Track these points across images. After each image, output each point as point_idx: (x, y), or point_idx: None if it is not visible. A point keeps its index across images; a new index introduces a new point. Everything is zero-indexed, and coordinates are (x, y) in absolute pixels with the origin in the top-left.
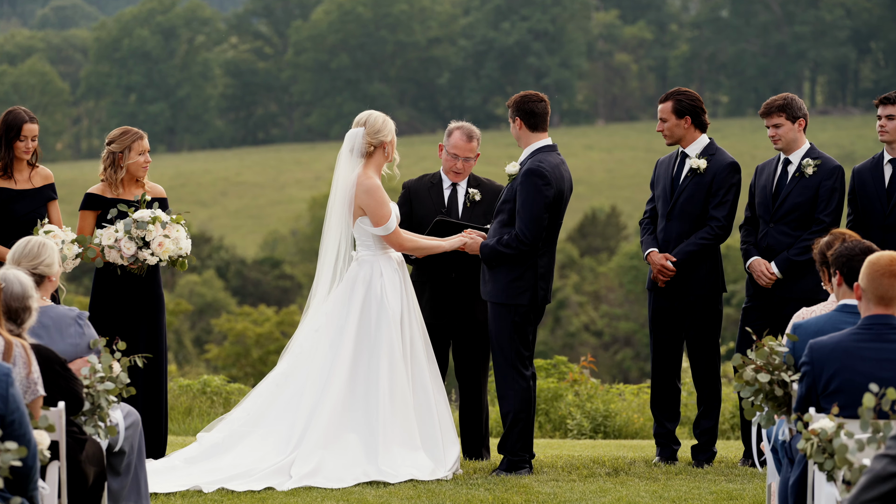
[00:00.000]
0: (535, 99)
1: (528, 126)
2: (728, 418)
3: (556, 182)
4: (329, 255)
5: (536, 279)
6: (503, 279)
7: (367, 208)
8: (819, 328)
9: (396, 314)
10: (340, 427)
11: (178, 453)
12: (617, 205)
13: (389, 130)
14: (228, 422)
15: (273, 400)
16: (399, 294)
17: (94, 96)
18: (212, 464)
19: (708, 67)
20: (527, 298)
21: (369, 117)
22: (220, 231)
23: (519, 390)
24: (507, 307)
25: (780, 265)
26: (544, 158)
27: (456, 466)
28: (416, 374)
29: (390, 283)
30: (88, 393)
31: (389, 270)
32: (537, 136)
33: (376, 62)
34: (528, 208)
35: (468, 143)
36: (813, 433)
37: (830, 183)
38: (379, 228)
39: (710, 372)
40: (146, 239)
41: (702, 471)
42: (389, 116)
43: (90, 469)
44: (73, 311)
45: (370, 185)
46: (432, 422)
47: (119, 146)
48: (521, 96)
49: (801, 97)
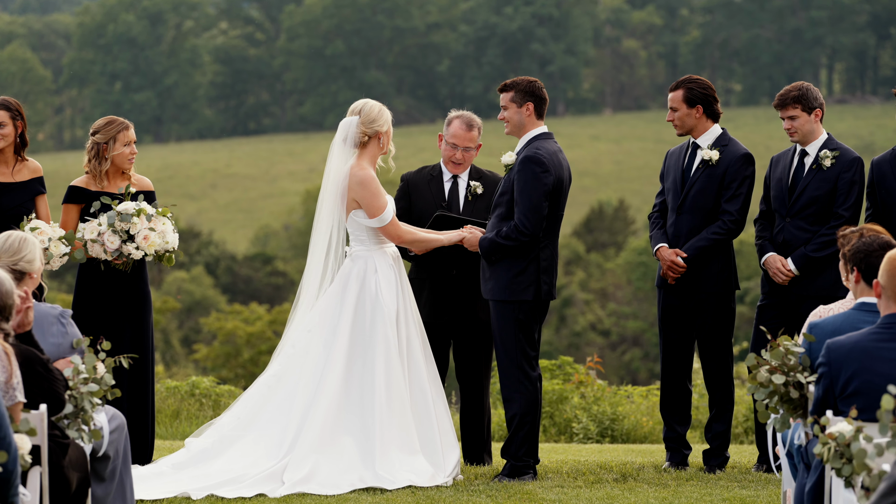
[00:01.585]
0: (540, 85)
1: (537, 113)
2: (741, 421)
3: (555, 170)
4: (319, 249)
5: (539, 273)
6: (504, 275)
7: (361, 200)
8: (836, 327)
9: (392, 312)
10: (335, 430)
11: (166, 459)
12: (625, 198)
13: (385, 120)
14: (218, 427)
15: (264, 403)
16: (395, 291)
17: (78, 84)
18: (201, 469)
19: (720, 54)
20: (530, 294)
21: (364, 106)
22: (210, 225)
23: (525, 392)
24: (510, 304)
25: (797, 261)
26: (541, 146)
27: (456, 472)
28: (414, 374)
29: (385, 279)
30: (71, 395)
31: (384, 266)
32: (538, 124)
33: (373, 48)
34: (527, 196)
35: (468, 133)
36: (830, 437)
37: (849, 175)
38: (374, 220)
39: (722, 373)
40: (130, 232)
41: (714, 477)
42: (386, 106)
43: (73, 475)
44: (56, 309)
45: (364, 176)
46: (430, 424)
47: (103, 136)
48: (529, 81)
49: (817, 85)
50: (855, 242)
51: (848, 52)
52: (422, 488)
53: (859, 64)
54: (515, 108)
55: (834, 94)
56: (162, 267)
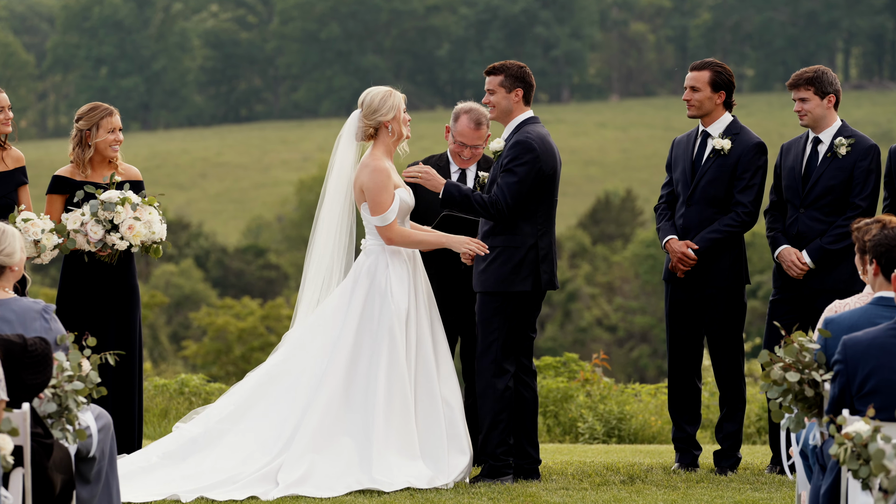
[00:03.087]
0: (529, 70)
1: (525, 99)
2: (754, 421)
3: (546, 155)
4: (320, 244)
5: (539, 262)
6: (502, 267)
7: (367, 192)
8: (853, 323)
9: (402, 310)
10: (334, 429)
11: (154, 446)
12: (632, 188)
13: (390, 107)
14: (206, 416)
15: (263, 394)
16: (406, 288)
17: (62, 69)
18: (191, 467)
19: (732, 38)
20: (528, 284)
21: (366, 96)
22: (199, 216)
23: (498, 389)
24: (501, 297)
25: (812, 254)
26: (531, 130)
27: (462, 477)
28: (423, 375)
29: (397, 276)
30: (56, 394)
31: (397, 262)
32: (525, 110)
33: (370, 32)
34: (511, 173)
35: (476, 131)
36: (846, 437)
37: (866, 164)
38: (377, 218)
39: (733, 370)
40: (114, 222)
41: (725, 478)
42: None
43: (57, 476)
44: (39, 303)
45: (374, 167)
46: (437, 428)
47: (86, 123)
48: (519, 66)
49: (833, 70)
50: (876, 234)
51: (865, 36)
52: (420, 491)
53: (877, 48)
54: (504, 92)
55: (850, 80)
56: (150, 260)
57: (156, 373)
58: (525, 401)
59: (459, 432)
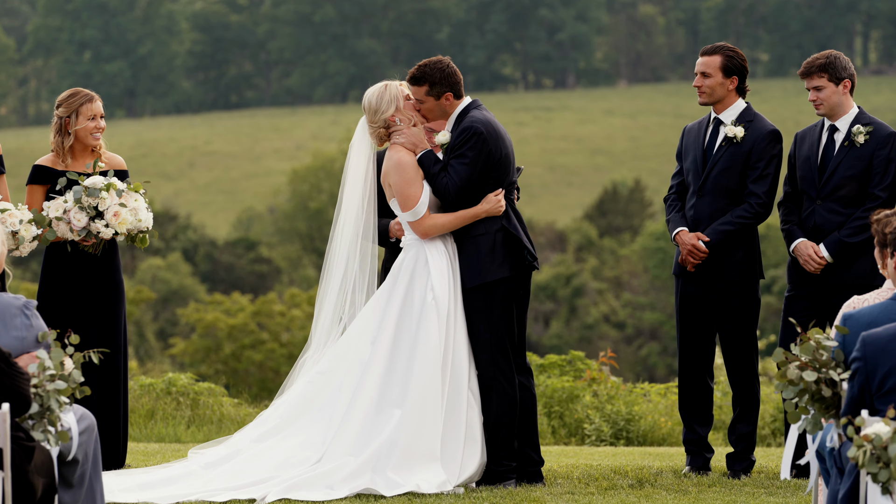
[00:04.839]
0: (446, 64)
1: (457, 95)
2: (768, 422)
3: (494, 139)
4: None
5: (509, 243)
6: (474, 257)
7: (394, 186)
8: (873, 319)
9: (443, 308)
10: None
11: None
12: (641, 178)
13: (389, 101)
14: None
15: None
16: (447, 285)
17: (43, 54)
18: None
19: (745, 20)
20: (507, 269)
21: (365, 101)
22: (188, 208)
23: (502, 391)
24: (484, 289)
25: (830, 248)
26: (475, 115)
27: (473, 478)
28: (455, 376)
29: (437, 271)
30: (37, 393)
31: (437, 256)
32: (461, 101)
33: (366, 15)
34: (461, 157)
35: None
36: (866, 439)
37: (885, 152)
38: (408, 214)
39: (746, 369)
40: (99, 208)
41: (738, 482)
42: (381, 78)
43: (39, 480)
44: (20, 299)
45: (399, 159)
46: (458, 431)
47: (66, 110)
48: (439, 68)
49: (851, 54)
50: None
51: (885, 19)
52: (419, 496)
53: None
54: (433, 101)
55: (870, 65)
56: (135, 253)
57: (142, 372)
58: (521, 402)
59: (476, 435)
